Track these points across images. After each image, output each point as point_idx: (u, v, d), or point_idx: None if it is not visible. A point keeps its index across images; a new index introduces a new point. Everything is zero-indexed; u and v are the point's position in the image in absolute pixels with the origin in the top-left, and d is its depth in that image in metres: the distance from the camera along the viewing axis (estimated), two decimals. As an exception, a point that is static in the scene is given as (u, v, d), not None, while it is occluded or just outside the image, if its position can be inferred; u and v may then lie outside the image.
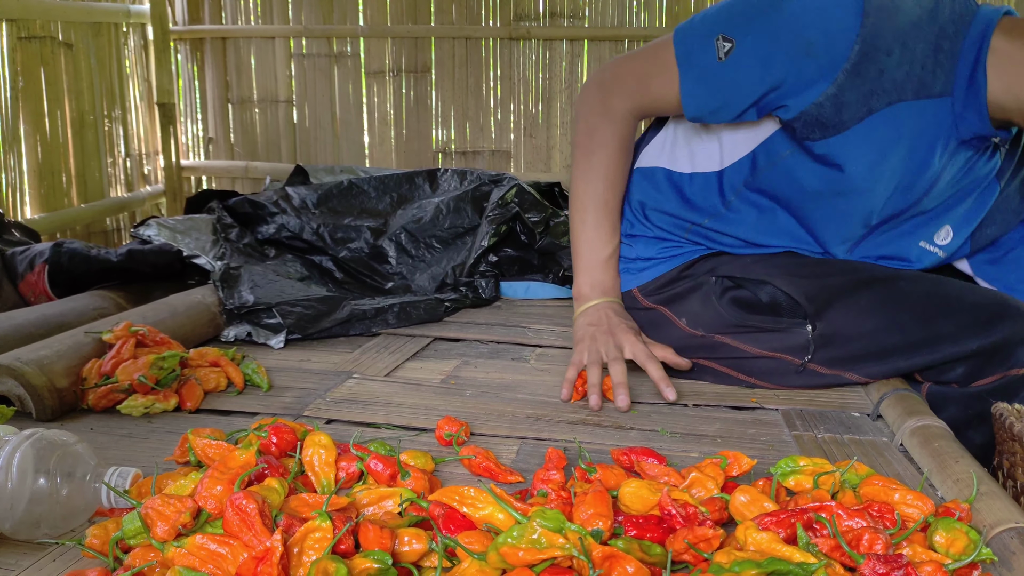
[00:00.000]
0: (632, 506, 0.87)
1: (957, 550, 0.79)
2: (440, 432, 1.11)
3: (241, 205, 2.08)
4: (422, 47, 3.45)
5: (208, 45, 3.63)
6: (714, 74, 1.24)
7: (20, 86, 2.79)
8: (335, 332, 1.63)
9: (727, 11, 1.24)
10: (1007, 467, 1.07)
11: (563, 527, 0.74)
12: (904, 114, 1.22)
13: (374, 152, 3.57)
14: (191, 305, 1.57)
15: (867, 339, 1.28)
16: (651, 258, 1.46)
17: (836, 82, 1.18)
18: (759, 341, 1.34)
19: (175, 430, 1.16)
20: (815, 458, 0.98)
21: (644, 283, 1.45)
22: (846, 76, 1.18)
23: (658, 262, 1.45)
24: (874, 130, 1.22)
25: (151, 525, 0.78)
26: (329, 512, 0.77)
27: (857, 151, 1.23)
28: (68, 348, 1.27)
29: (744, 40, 1.21)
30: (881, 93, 1.20)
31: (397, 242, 2.05)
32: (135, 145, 3.46)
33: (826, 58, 1.18)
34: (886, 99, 1.21)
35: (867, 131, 1.22)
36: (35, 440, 0.84)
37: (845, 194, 1.28)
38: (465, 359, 1.51)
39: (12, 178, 2.79)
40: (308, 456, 0.96)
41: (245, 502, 0.76)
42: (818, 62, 1.18)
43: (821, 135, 1.23)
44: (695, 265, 1.43)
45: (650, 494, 0.86)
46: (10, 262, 1.87)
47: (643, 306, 1.45)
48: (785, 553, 0.74)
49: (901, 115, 1.22)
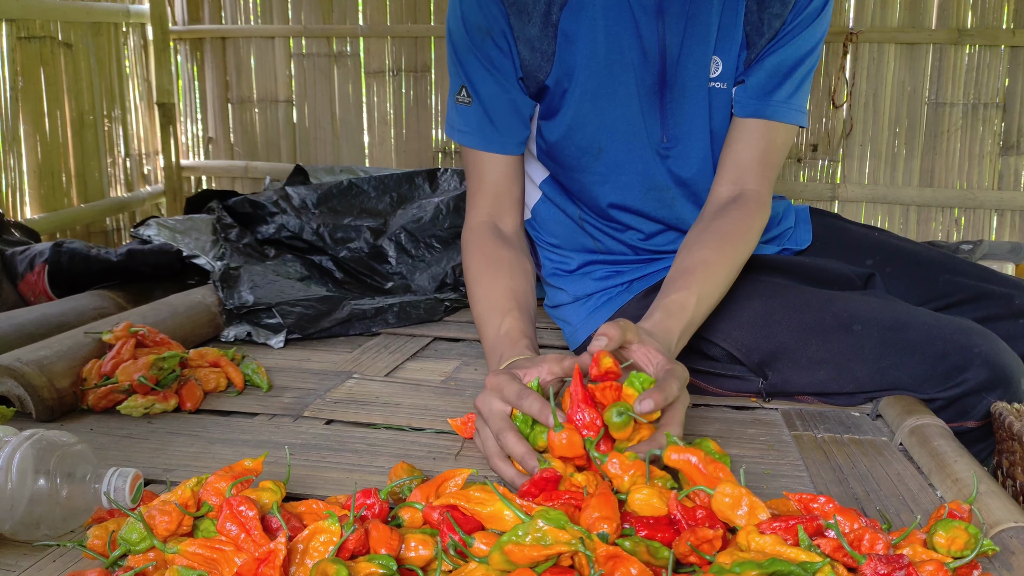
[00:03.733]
0: (641, 513, 0.86)
1: (958, 547, 0.79)
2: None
3: (241, 205, 2.08)
4: (422, 47, 3.45)
5: (208, 45, 3.63)
6: (473, 111, 1.32)
7: (20, 86, 2.78)
8: (335, 332, 1.63)
9: (449, 75, 1.36)
10: (1006, 466, 1.07)
11: (566, 525, 0.74)
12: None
13: (374, 152, 3.56)
14: (191, 305, 1.57)
15: (821, 386, 1.26)
16: (592, 293, 1.44)
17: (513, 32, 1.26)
18: (717, 383, 1.33)
19: (175, 430, 1.16)
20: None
21: (599, 325, 1.42)
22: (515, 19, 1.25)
23: (603, 295, 1.43)
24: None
25: (153, 527, 0.78)
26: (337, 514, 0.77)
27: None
28: (68, 348, 1.27)
29: (462, 77, 1.31)
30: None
31: (397, 242, 2.05)
32: (135, 145, 3.46)
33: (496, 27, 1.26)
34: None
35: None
36: (35, 441, 0.84)
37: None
38: (465, 359, 1.51)
39: (12, 178, 2.79)
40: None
41: (244, 508, 0.76)
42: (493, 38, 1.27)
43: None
44: (648, 296, 1.39)
45: (661, 502, 0.85)
46: (10, 262, 1.87)
47: None
48: (789, 554, 0.74)
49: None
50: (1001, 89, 3.03)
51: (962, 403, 1.17)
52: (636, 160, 1.33)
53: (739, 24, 1.28)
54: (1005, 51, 3.00)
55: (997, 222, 3.13)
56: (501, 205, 1.37)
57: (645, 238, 1.41)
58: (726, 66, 1.30)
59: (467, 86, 1.31)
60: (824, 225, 1.56)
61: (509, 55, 1.28)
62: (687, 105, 1.31)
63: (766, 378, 1.28)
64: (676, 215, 1.38)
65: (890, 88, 3.12)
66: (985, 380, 1.15)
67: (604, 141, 1.32)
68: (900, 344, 1.21)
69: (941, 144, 3.11)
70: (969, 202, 3.11)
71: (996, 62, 3.01)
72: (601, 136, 1.31)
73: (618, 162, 1.33)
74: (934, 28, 3.04)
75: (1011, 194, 3.08)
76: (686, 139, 1.33)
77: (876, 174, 3.19)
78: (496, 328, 1.18)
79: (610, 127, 1.31)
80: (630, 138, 1.32)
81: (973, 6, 2.99)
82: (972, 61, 3.03)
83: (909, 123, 3.13)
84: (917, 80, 3.09)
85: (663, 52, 1.27)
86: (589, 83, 1.28)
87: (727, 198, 1.30)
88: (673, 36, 1.27)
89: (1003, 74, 3.02)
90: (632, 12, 1.25)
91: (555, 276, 1.49)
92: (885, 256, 1.47)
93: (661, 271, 1.41)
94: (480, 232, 1.34)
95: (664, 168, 1.34)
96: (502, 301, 1.22)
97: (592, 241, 1.43)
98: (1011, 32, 2.96)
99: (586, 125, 1.31)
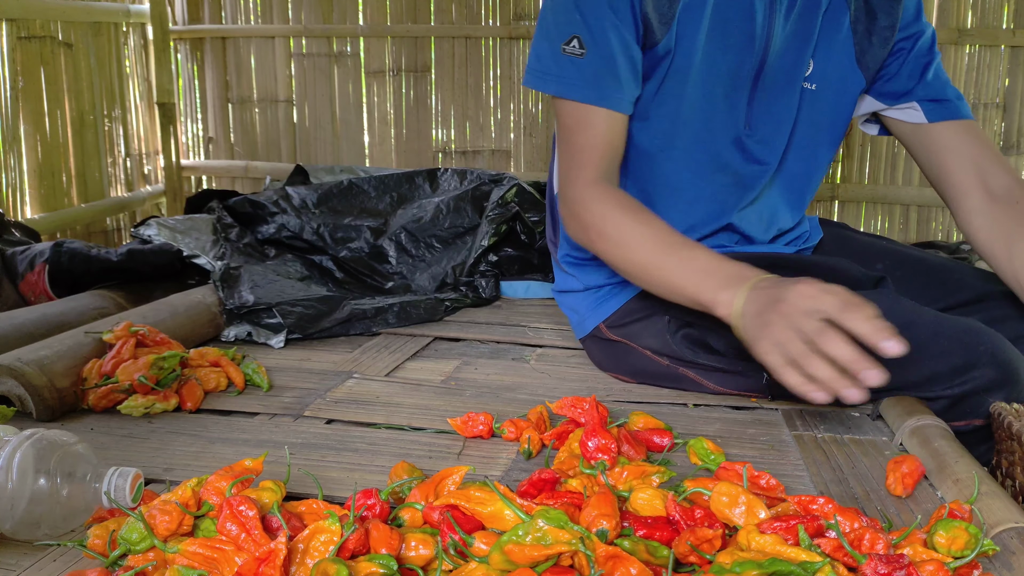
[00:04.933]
0: (643, 513, 0.86)
1: (958, 547, 0.79)
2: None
3: (241, 205, 2.08)
4: (422, 47, 3.45)
5: (208, 45, 3.63)
6: (588, 63, 1.24)
7: (20, 86, 2.78)
8: (335, 332, 1.63)
9: (547, 26, 1.26)
10: (1006, 467, 1.07)
11: (566, 524, 0.74)
12: None
13: (374, 152, 3.56)
14: (191, 305, 1.57)
15: None
16: (603, 285, 1.43)
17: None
18: (718, 379, 1.32)
19: (175, 430, 1.16)
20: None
21: (607, 316, 1.42)
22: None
23: (612, 288, 1.43)
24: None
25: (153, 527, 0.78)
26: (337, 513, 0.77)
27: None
28: (68, 348, 1.27)
29: (576, 26, 1.23)
30: None
31: (397, 242, 2.05)
32: (135, 145, 3.46)
33: None
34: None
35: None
36: (35, 440, 0.84)
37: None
38: (465, 359, 1.51)
39: (12, 178, 2.79)
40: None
41: (244, 507, 0.76)
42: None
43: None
44: (649, 294, 1.39)
45: (663, 503, 0.85)
46: (10, 262, 1.87)
47: (609, 338, 1.42)
48: (789, 554, 0.74)
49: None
50: (1001, 89, 3.03)
51: (968, 402, 1.17)
52: (711, 141, 1.33)
53: (843, 31, 1.30)
54: (1005, 51, 3.00)
55: (997, 222, 3.13)
56: (612, 168, 1.26)
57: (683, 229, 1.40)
58: (817, 68, 1.32)
59: (583, 36, 1.23)
60: (832, 234, 1.57)
61: (633, 11, 1.23)
62: (776, 98, 1.32)
63: (771, 373, 1.27)
64: (724, 207, 1.38)
65: (890, 88, 3.11)
66: (992, 379, 1.14)
67: (687, 116, 1.31)
68: (911, 340, 1.20)
69: (941, 144, 3.11)
70: (969, 202, 3.11)
71: (996, 62, 3.01)
72: (686, 112, 1.30)
73: (695, 140, 1.32)
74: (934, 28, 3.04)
75: (1011, 194, 3.07)
76: (767, 131, 1.34)
77: (876, 174, 3.19)
78: (695, 253, 1.11)
79: (697, 105, 1.30)
80: (711, 119, 1.31)
81: (973, 6, 2.99)
82: (972, 61, 3.03)
83: (909, 123, 3.12)
84: (917, 80, 3.09)
85: (768, 41, 1.28)
86: (695, 57, 1.27)
87: (998, 196, 1.30)
88: (780, 27, 1.28)
89: (1003, 74, 3.02)
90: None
91: (570, 262, 1.48)
92: (894, 261, 1.47)
93: None
94: (601, 188, 1.23)
95: (739, 156, 1.34)
96: (677, 237, 1.15)
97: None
98: (1011, 32, 2.96)
99: (679, 97, 1.29)
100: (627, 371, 1.40)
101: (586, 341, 1.49)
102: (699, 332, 1.31)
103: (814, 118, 1.36)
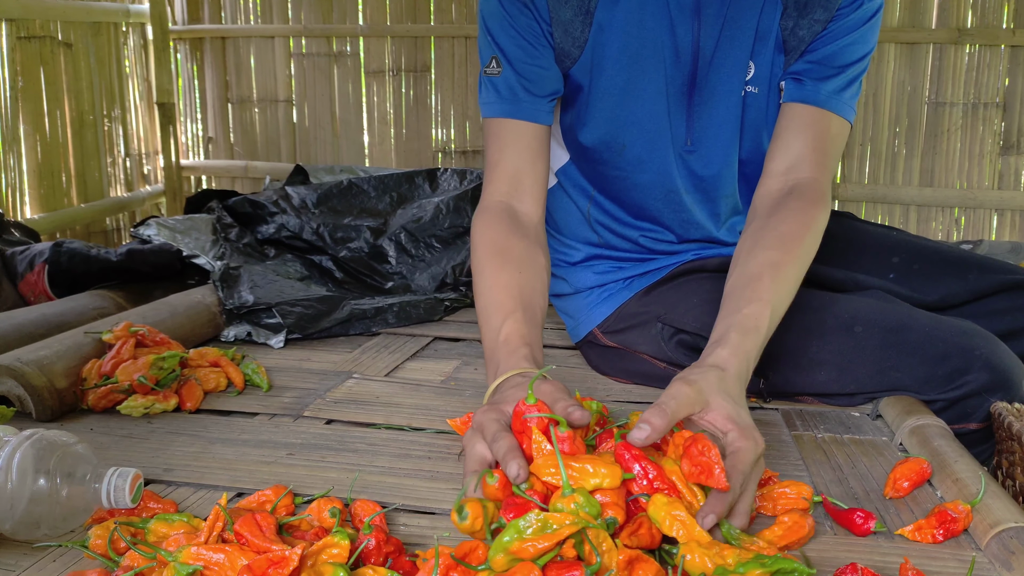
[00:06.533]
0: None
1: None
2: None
3: (241, 205, 2.08)
4: (422, 46, 3.45)
5: (208, 45, 3.63)
6: (502, 80, 1.26)
7: (20, 86, 2.78)
8: (335, 332, 1.63)
9: (479, 56, 1.28)
10: (1006, 467, 1.07)
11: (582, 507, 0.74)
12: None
13: (374, 152, 3.56)
14: (191, 305, 1.57)
15: (822, 387, 1.25)
16: (593, 287, 1.43)
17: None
18: None
19: (175, 430, 1.16)
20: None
21: (601, 320, 1.41)
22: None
23: (604, 291, 1.42)
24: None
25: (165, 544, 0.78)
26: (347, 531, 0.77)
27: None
28: (68, 348, 1.27)
29: (492, 48, 1.25)
30: None
31: (397, 242, 2.05)
32: (135, 145, 3.46)
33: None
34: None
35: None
36: (35, 440, 0.84)
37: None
38: (465, 359, 1.51)
39: (12, 178, 2.79)
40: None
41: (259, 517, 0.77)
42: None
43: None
44: (648, 294, 1.39)
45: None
46: (10, 262, 1.87)
47: (605, 344, 1.42)
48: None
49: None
50: (1001, 89, 3.03)
51: (963, 405, 1.17)
52: (658, 159, 1.32)
53: (775, 28, 1.26)
54: (1005, 51, 3.00)
55: (997, 222, 3.13)
56: (521, 184, 1.24)
57: (650, 237, 1.41)
58: (759, 71, 1.28)
59: (497, 55, 1.25)
60: (842, 225, 1.52)
61: (543, 33, 1.24)
62: (716, 107, 1.29)
63: (766, 378, 1.27)
64: (687, 218, 1.37)
65: (890, 87, 3.12)
66: (986, 382, 1.14)
67: (627, 137, 1.30)
68: (901, 346, 1.20)
69: (941, 144, 3.12)
70: (969, 202, 3.11)
71: (996, 62, 3.01)
72: (625, 132, 1.30)
73: (640, 159, 1.32)
74: (934, 28, 3.04)
75: (1011, 194, 3.08)
76: (711, 141, 1.31)
77: (876, 174, 3.19)
78: (495, 332, 1.08)
79: (635, 124, 1.29)
80: (654, 136, 1.30)
81: (973, 6, 2.99)
82: (972, 61, 3.04)
83: (909, 123, 3.13)
84: (917, 80, 3.10)
85: (696, 52, 1.26)
86: (618, 77, 1.26)
87: (780, 191, 1.21)
88: (708, 37, 1.25)
89: (1003, 74, 3.02)
90: (669, 10, 1.24)
91: (557, 266, 1.47)
92: (911, 254, 1.45)
93: (661, 269, 1.40)
94: (492, 214, 1.22)
95: (685, 169, 1.33)
96: (505, 300, 1.11)
97: (596, 236, 1.43)
98: (1011, 32, 2.96)
99: (611, 120, 1.29)
100: (625, 374, 1.40)
101: (582, 346, 1.48)
102: (692, 339, 1.31)
103: (760, 119, 1.31)
